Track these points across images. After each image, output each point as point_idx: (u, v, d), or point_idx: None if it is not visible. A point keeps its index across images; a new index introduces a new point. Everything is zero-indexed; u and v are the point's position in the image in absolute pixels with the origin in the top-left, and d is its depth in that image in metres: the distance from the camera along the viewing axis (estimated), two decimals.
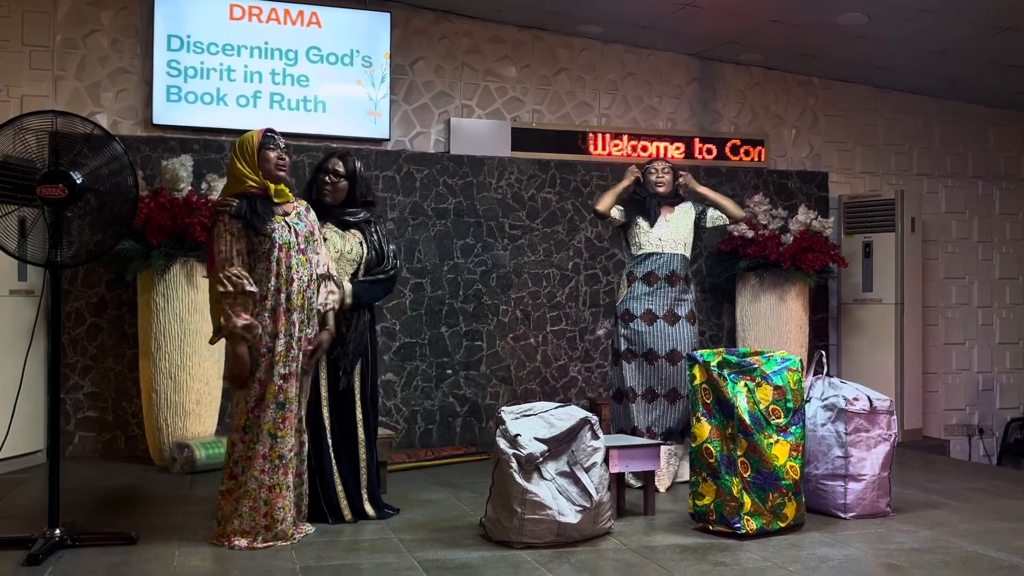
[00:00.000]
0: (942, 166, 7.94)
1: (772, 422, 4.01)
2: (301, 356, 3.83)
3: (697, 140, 7.17)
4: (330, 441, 4.14)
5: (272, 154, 3.86)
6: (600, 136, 6.94)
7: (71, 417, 5.85)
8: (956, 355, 7.90)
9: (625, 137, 6.98)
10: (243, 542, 3.69)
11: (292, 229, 3.84)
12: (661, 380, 5.01)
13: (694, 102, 7.31)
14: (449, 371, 6.51)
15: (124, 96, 6.16)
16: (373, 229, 4.37)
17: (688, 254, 5.13)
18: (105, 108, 6.10)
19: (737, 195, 7.10)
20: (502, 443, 3.79)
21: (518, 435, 3.77)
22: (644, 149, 6.99)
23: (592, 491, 3.81)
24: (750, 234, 6.68)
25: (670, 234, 5.09)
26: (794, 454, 4.03)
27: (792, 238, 6.64)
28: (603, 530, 3.92)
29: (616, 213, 5.20)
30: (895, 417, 4.46)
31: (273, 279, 3.77)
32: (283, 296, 3.77)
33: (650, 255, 5.08)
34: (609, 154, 6.94)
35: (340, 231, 4.27)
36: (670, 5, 6.26)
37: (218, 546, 3.69)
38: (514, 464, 3.72)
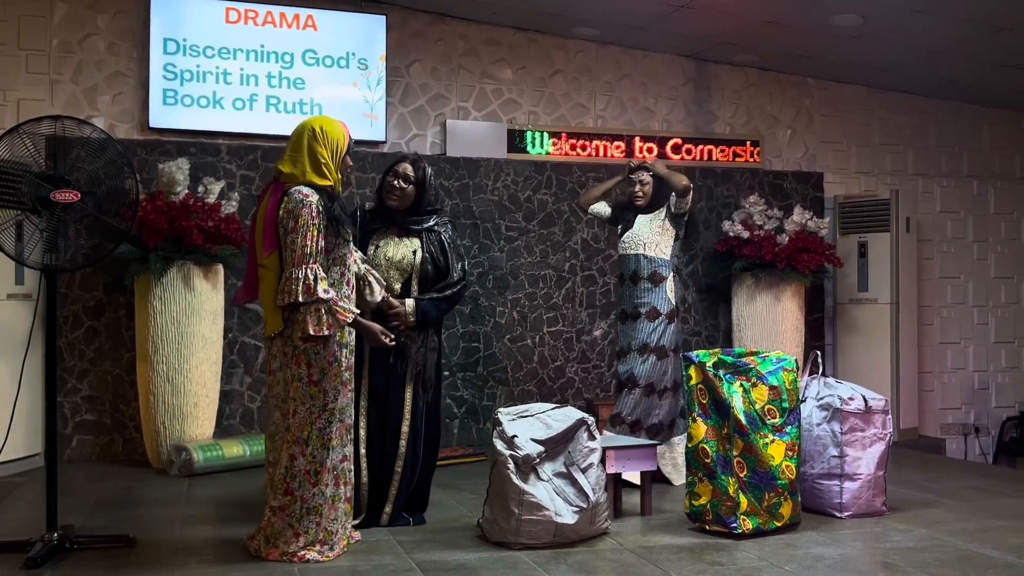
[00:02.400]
0: (937, 166, 7.96)
1: (768, 422, 4.03)
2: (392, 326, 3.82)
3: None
4: (363, 451, 4.08)
5: (350, 160, 3.73)
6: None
7: (69, 420, 5.86)
8: (952, 354, 7.93)
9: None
10: (315, 555, 3.55)
11: (353, 235, 3.77)
12: (634, 375, 5.09)
13: (689, 103, 7.33)
14: (446, 372, 6.51)
15: (120, 100, 6.17)
16: (435, 239, 4.17)
17: (652, 253, 5.12)
18: (102, 112, 6.11)
19: (732, 196, 7.14)
20: (499, 444, 3.80)
21: (515, 436, 3.78)
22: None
23: (589, 492, 3.82)
24: (746, 235, 6.71)
25: (632, 236, 5.21)
26: (790, 454, 4.05)
27: (788, 238, 6.66)
28: (600, 530, 3.93)
29: (599, 208, 5.41)
30: (890, 416, 4.48)
31: (345, 286, 3.65)
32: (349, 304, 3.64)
33: (621, 257, 5.29)
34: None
35: (396, 238, 4.15)
36: (665, 7, 6.28)
37: (282, 562, 3.52)
38: (511, 465, 3.74)
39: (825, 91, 7.65)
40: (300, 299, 3.45)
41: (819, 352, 4.70)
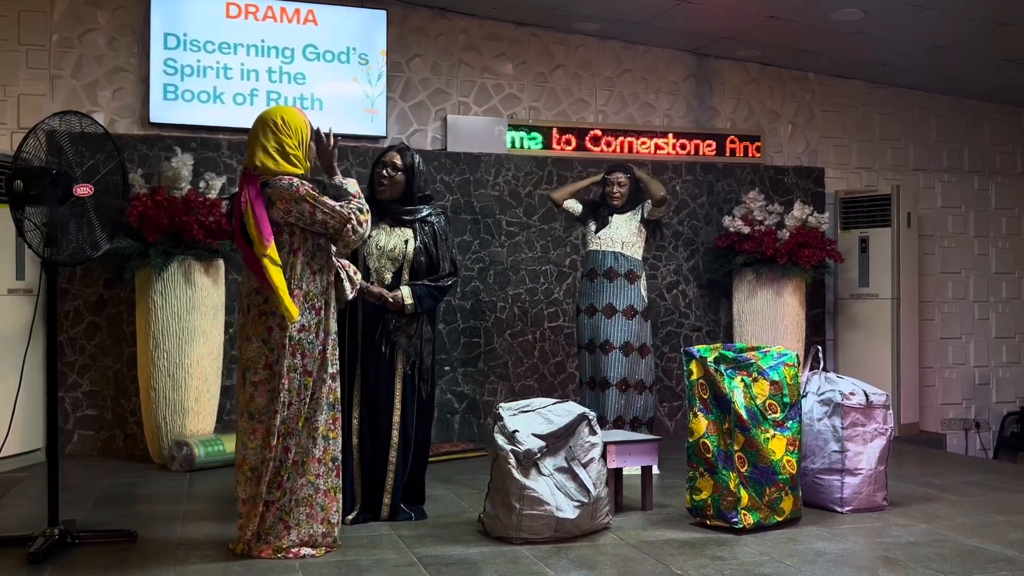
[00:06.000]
0: (938, 161, 7.96)
1: (769, 417, 4.03)
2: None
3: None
4: (355, 441, 4.10)
5: (315, 147, 3.70)
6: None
7: (70, 415, 5.86)
8: (952, 350, 7.92)
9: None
10: (310, 551, 3.53)
11: None
12: (601, 369, 5.29)
13: (690, 98, 7.32)
14: (447, 368, 6.52)
15: (121, 95, 6.17)
16: (429, 229, 4.18)
17: (629, 252, 5.37)
18: (102, 107, 6.11)
19: (733, 191, 7.13)
20: (500, 439, 3.80)
21: (516, 431, 3.78)
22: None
23: (590, 487, 3.82)
24: (746, 230, 6.71)
25: (609, 233, 5.38)
26: (791, 449, 4.05)
27: (788, 234, 6.66)
28: (601, 525, 3.94)
29: (573, 204, 5.57)
30: (891, 411, 4.48)
31: (328, 273, 3.63)
32: (331, 292, 3.65)
33: (592, 252, 5.41)
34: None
35: (389, 228, 4.17)
36: (666, 1, 6.27)
37: (277, 559, 3.47)
38: (512, 460, 3.74)
39: (826, 86, 7.64)
40: (367, 223, 3.65)
41: (820, 347, 4.70)
